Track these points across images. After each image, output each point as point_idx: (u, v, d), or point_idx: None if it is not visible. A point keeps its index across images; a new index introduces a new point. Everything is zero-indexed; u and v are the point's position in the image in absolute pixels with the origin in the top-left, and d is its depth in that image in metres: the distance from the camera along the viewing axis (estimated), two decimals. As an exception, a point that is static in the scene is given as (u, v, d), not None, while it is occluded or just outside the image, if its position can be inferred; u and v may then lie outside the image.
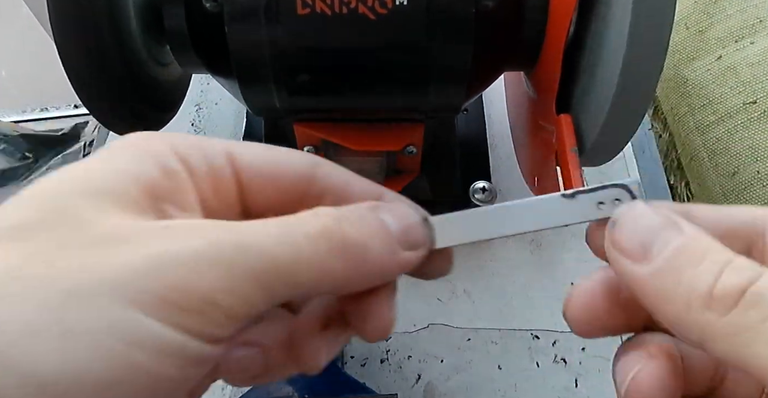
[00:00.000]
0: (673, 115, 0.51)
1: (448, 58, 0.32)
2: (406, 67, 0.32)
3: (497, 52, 0.33)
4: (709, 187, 0.48)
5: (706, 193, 0.48)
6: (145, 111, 0.36)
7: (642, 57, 0.25)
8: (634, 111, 0.27)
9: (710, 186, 0.48)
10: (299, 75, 0.33)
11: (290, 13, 0.30)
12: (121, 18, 0.31)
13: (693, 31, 0.51)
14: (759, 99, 0.45)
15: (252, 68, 0.32)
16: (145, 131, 0.18)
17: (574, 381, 0.42)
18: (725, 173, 0.46)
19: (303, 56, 0.32)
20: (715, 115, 0.47)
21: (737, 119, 0.46)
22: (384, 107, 0.36)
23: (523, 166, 0.44)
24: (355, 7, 0.30)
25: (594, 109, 0.29)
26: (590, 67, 0.30)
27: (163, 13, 0.33)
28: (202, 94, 0.56)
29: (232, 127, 0.54)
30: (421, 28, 0.31)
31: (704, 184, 0.49)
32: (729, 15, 0.49)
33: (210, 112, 0.55)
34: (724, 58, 0.48)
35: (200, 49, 0.34)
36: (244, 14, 0.30)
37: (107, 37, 0.31)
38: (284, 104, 0.34)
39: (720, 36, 0.49)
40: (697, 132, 0.48)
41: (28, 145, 0.85)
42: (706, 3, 0.51)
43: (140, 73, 0.34)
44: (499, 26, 0.32)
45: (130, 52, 0.33)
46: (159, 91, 0.37)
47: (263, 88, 0.33)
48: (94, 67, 0.31)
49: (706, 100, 0.48)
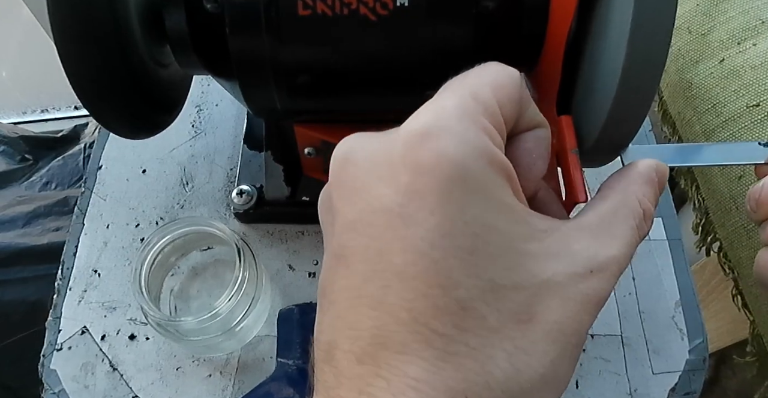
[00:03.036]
0: (681, 119, 0.51)
1: (449, 59, 0.32)
2: (407, 68, 0.32)
3: (497, 53, 0.33)
4: (716, 190, 0.48)
5: (716, 196, 0.48)
6: (146, 112, 0.36)
7: (643, 57, 0.25)
8: (636, 112, 0.27)
9: (718, 189, 0.48)
10: (300, 76, 0.32)
11: (291, 15, 0.30)
12: (122, 19, 0.31)
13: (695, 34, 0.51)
14: (762, 101, 0.45)
15: (253, 69, 0.32)
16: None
17: (575, 383, 0.42)
18: (732, 176, 0.46)
19: (304, 57, 0.32)
20: (719, 119, 0.47)
21: (741, 122, 0.46)
22: (385, 108, 0.36)
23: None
24: (356, 8, 0.30)
25: (595, 110, 0.29)
26: (591, 67, 0.30)
27: (163, 15, 0.33)
28: (203, 95, 0.56)
29: (233, 128, 0.54)
30: (421, 29, 0.31)
31: (712, 187, 0.49)
32: (731, 17, 0.49)
33: (211, 113, 0.55)
34: (726, 60, 0.48)
35: (201, 50, 0.34)
36: (245, 15, 0.30)
37: (108, 38, 0.31)
38: (285, 105, 0.34)
39: (722, 39, 0.49)
40: (703, 136, 0.48)
41: (27, 146, 0.85)
42: (708, 6, 0.51)
43: (141, 74, 0.34)
44: (500, 27, 0.32)
45: (130, 54, 0.33)
46: (160, 93, 0.37)
47: (264, 89, 0.33)
48: (95, 68, 0.31)
49: (710, 104, 0.48)
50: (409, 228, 0.18)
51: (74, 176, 0.81)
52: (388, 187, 0.19)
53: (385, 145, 0.20)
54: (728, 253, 0.50)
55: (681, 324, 0.44)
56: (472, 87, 0.20)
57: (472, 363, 0.18)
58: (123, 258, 0.48)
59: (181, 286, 0.46)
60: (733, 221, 0.47)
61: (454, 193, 0.18)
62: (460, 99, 0.20)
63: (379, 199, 0.19)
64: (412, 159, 0.19)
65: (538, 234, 0.20)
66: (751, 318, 0.49)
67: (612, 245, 0.21)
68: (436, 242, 0.18)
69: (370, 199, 0.19)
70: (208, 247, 0.46)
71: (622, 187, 0.23)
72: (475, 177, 0.18)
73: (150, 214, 0.50)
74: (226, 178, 0.51)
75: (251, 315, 0.41)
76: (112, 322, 0.45)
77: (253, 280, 0.40)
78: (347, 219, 0.20)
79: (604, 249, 0.20)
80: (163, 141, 0.53)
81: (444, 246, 0.18)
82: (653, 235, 0.47)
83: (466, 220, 0.18)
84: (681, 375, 0.42)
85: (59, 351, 0.44)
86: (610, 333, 0.44)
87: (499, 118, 0.20)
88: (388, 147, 0.20)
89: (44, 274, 0.67)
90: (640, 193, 0.23)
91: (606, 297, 0.20)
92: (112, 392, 0.42)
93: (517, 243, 0.19)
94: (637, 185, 0.23)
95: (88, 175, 0.52)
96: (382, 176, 0.19)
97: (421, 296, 0.18)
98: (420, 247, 0.18)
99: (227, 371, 0.43)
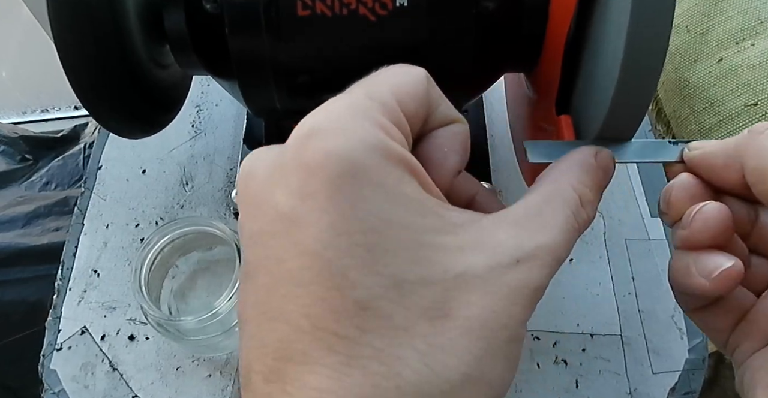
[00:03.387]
0: (676, 118, 0.51)
1: (449, 59, 0.32)
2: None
3: (497, 53, 0.33)
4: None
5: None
6: (145, 112, 0.36)
7: (641, 57, 0.25)
8: (634, 112, 0.27)
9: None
10: (300, 76, 0.33)
11: (290, 15, 0.30)
12: (122, 19, 0.31)
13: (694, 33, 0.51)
14: (760, 101, 0.45)
15: (252, 69, 0.32)
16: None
17: (575, 383, 0.42)
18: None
19: (303, 58, 0.32)
20: (716, 118, 0.47)
21: (738, 122, 0.46)
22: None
23: (523, 166, 0.44)
24: (356, 9, 0.30)
25: (594, 110, 0.29)
26: (590, 68, 0.30)
27: (163, 15, 0.33)
28: (203, 95, 0.56)
29: (233, 128, 0.54)
30: (421, 29, 0.31)
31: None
32: (729, 17, 0.49)
33: (210, 114, 0.55)
34: (725, 60, 0.48)
35: (201, 50, 0.34)
36: (245, 16, 0.30)
37: (107, 38, 0.31)
38: (285, 105, 0.34)
39: (721, 38, 0.49)
40: (699, 135, 0.48)
41: (27, 146, 0.85)
42: (707, 5, 0.51)
43: (141, 74, 0.34)
44: (499, 28, 0.32)
45: (130, 54, 0.33)
46: (160, 93, 0.37)
47: (264, 89, 0.33)
48: (94, 68, 0.31)
49: (707, 103, 0.48)
50: (302, 231, 0.17)
51: (74, 176, 0.81)
52: (282, 193, 0.18)
53: (278, 151, 0.19)
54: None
55: (680, 324, 0.44)
56: (368, 87, 0.20)
57: (378, 366, 0.17)
58: (123, 258, 0.48)
59: (181, 286, 0.46)
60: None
61: (344, 190, 0.17)
62: (353, 98, 0.20)
63: (275, 207, 0.18)
64: (300, 160, 0.18)
65: (451, 227, 0.19)
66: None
67: (542, 233, 0.20)
68: (330, 241, 0.17)
69: (267, 209, 0.18)
70: (208, 247, 0.46)
71: (553, 178, 0.22)
72: (367, 171, 0.18)
73: (150, 214, 0.50)
74: (225, 178, 0.51)
75: (251, 315, 0.41)
76: (111, 322, 0.45)
77: (253, 280, 0.40)
78: (250, 232, 0.19)
79: (533, 237, 0.19)
80: (162, 141, 0.53)
81: (338, 245, 0.17)
82: (653, 235, 0.47)
83: (361, 217, 0.17)
84: (680, 374, 0.42)
85: (59, 351, 0.44)
86: (609, 333, 0.44)
87: (399, 114, 0.20)
88: (281, 153, 0.19)
89: (44, 274, 0.67)
90: (574, 181, 0.22)
91: (541, 286, 0.19)
92: (112, 392, 0.42)
93: (424, 237, 0.18)
94: (571, 173, 0.22)
95: (88, 175, 0.52)
96: (276, 182, 0.19)
97: (318, 300, 0.17)
98: (313, 249, 0.17)
99: (227, 371, 0.43)
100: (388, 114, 0.19)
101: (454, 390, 0.17)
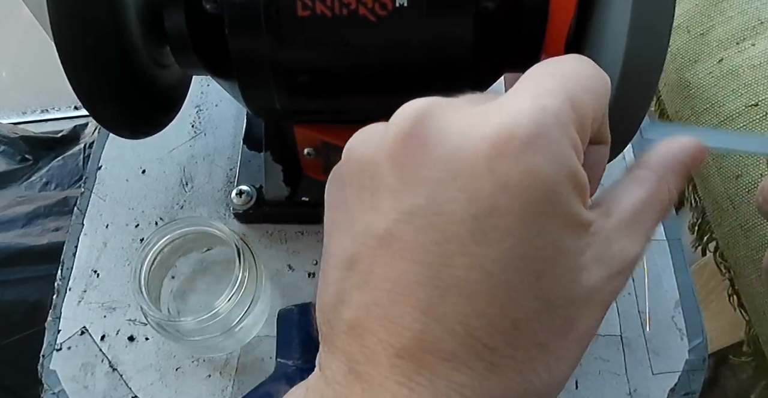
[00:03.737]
0: (678, 118, 0.51)
1: (449, 59, 0.32)
2: (407, 68, 0.32)
3: (497, 53, 0.33)
4: (713, 189, 0.48)
5: (713, 196, 0.48)
6: (145, 112, 0.36)
7: (642, 57, 0.25)
8: (634, 112, 0.27)
9: (715, 188, 0.48)
10: (299, 76, 0.33)
11: (290, 15, 0.30)
12: (122, 20, 0.31)
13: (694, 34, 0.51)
14: (761, 101, 0.45)
15: (252, 70, 0.32)
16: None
17: (575, 383, 0.42)
18: (729, 176, 0.46)
19: (303, 58, 0.32)
20: (717, 118, 0.47)
21: (739, 122, 0.46)
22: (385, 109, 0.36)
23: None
24: (356, 9, 0.30)
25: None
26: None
27: (163, 15, 0.33)
28: (203, 95, 0.56)
29: (233, 128, 0.54)
30: (421, 29, 0.31)
31: (709, 187, 0.49)
32: (730, 17, 0.49)
33: (210, 114, 0.55)
34: (725, 60, 0.48)
35: (200, 50, 0.34)
36: (245, 16, 0.30)
37: (107, 38, 0.31)
38: (285, 105, 0.34)
39: (721, 38, 0.49)
40: (699, 135, 0.48)
41: (27, 146, 0.85)
42: (707, 5, 0.51)
43: (141, 74, 0.34)
44: (499, 27, 0.32)
45: (130, 54, 0.33)
46: (159, 93, 0.37)
47: (264, 89, 0.33)
48: (94, 69, 0.31)
49: (708, 104, 0.48)
50: (480, 246, 0.17)
51: (74, 176, 0.81)
52: (462, 191, 0.17)
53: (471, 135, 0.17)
54: (725, 253, 0.50)
55: (680, 325, 0.44)
56: (570, 91, 0.18)
57: (515, 375, 0.18)
58: (122, 259, 0.48)
59: (181, 286, 0.46)
60: (729, 221, 0.47)
61: (536, 217, 0.17)
62: (560, 103, 0.18)
63: (449, 202, 0.17)
64: (501, 170, 0.17)
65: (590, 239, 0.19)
66: (747, 318, 0.49)
67: (639, 242, 0.20)
68: (507, 265, 0.17)
69: (436, 197, 0.17)
70: (207, 248, 0.46)
71: (658, 170, 0.21)
72: (559, 199, 0.17)
73: (149, 215, 0.50)
74: (225, 179, 0.51)
75: (251, 316, 0.41)
76: (111, 322, 0.45)
77: (253, 280, 0.40)
78: (403, 205, 0.18)
79: (633, 247, 0.19)
80: (162, 141, 0.53)
81: (514, 269, 0.17)
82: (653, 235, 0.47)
83: (540, 246, 0.17)
84: (680, 375, 0.42)
85: (59, 351, 0.44)
86: (609, 333, 0.44)
87: (588, 132, 0.19)
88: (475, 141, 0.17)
89: (44, 274, 0.67)
90: (672, 181, 0.21)
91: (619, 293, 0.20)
92: (111, 392, 0.42)
93: (579, 260, 0.18)
94: (671, 171, 0.21)
95: (88, 175, 0.52)
96: (458, 174, 0.17)
97: (478, 313, 0.17)
98: (488, 267, 0.17)
99: (227, 371, 0.43)
100: (581, 131, 0.18)
101: (557, 389, 0.19)
